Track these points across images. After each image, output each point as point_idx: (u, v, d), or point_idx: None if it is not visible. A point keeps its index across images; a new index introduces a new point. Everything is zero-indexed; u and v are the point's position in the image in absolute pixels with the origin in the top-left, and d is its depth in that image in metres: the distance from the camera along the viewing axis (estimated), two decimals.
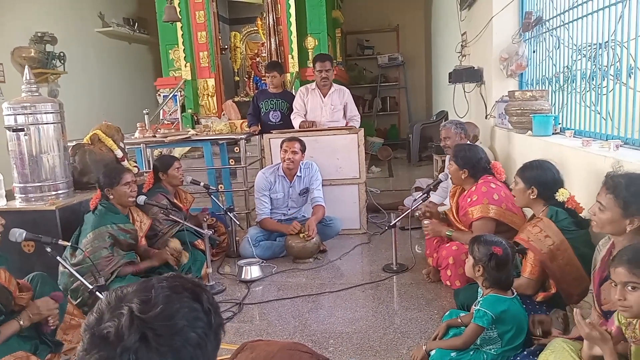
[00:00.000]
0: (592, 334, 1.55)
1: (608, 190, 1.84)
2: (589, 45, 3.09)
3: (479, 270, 2.18)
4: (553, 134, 3.42)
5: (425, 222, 3.44)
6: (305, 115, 4.95)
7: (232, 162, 5.42)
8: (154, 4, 7.04)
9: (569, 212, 2.38)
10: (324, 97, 4.92)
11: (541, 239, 2.31)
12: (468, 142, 3.83)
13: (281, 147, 4.16)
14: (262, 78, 7.65)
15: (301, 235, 3.92)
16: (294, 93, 5.38)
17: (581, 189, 2.54)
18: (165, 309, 0.82)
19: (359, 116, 5.12)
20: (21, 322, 2.21)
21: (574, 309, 1.68)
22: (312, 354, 1.75)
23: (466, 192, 3.21)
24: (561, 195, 2.38)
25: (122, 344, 0.78)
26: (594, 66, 3.04)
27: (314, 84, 4.98)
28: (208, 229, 3.54)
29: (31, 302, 2.33)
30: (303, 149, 4.14)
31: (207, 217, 4.06)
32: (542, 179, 2.46)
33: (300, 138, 4.20)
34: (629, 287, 1.50)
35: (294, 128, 4.84)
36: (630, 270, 1.50)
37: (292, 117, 4.98)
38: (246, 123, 5.45)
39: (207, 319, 0.87)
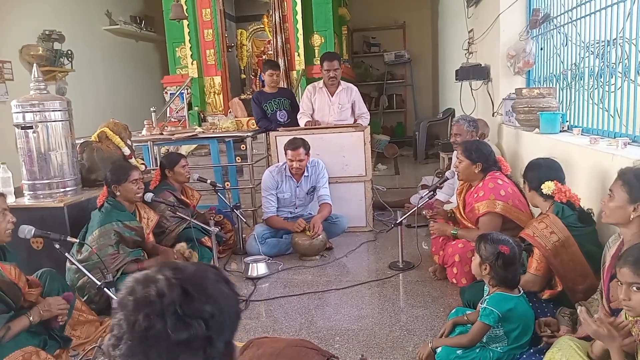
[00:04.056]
0: (600, 331, 1.55)
1: (617, 178, 1.90)
2: (597, 43, 3.07)
3: (485, 269, 2.18)
4: (560, 131, 3.40)
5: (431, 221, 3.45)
6: (312, 115, 4.92)
7: (238, 159, 5.43)
8: (161, 2, 7.04)
9: (578, 212, 2.38)
10: (332, 95, 4.88)
11: (546, 235, 2.31)
12: (477, 139, 3.82)
13: (285, 154, 4.11)
14: None
15: (307, 232, 3.93)
16: (298, 90, 5.37)
17: (588, 186, 2.53)
18: (197, 270, 0.93)
19: (368, 114, 5.06)
20: (31, 318, 2.24)
21: (579, 307, 1.68)
22: (318, 351, 1.76)
23: (473, 188, 3.21)
24: (546, 188, 2.41)
25: (165, 298, 0.85)
26: (602, 63, 3.03)
27: (322, 82, 4.94)
28: (215, 226, 3.55)
29: (42, 299, 2.37)
30: (307, 151, 4.09)
31: (214, 216, 4.07)
32: (536, 177, 2.53)
33: (303, 139, 4.11)
34: (634, 288, 1.50)
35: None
36: (635, 272, 1.50)
37: (298, 116, 4.96)
38: (252, 121, 5.45)
39: (231, 291, 0.96)
